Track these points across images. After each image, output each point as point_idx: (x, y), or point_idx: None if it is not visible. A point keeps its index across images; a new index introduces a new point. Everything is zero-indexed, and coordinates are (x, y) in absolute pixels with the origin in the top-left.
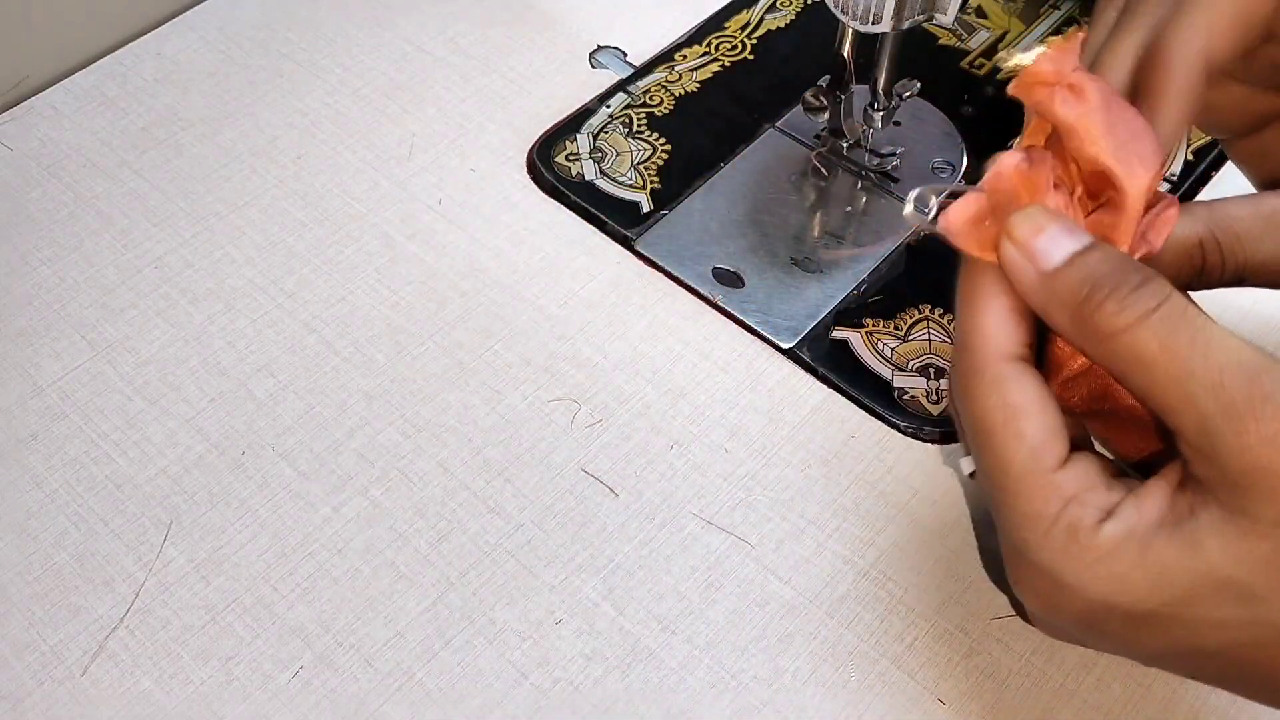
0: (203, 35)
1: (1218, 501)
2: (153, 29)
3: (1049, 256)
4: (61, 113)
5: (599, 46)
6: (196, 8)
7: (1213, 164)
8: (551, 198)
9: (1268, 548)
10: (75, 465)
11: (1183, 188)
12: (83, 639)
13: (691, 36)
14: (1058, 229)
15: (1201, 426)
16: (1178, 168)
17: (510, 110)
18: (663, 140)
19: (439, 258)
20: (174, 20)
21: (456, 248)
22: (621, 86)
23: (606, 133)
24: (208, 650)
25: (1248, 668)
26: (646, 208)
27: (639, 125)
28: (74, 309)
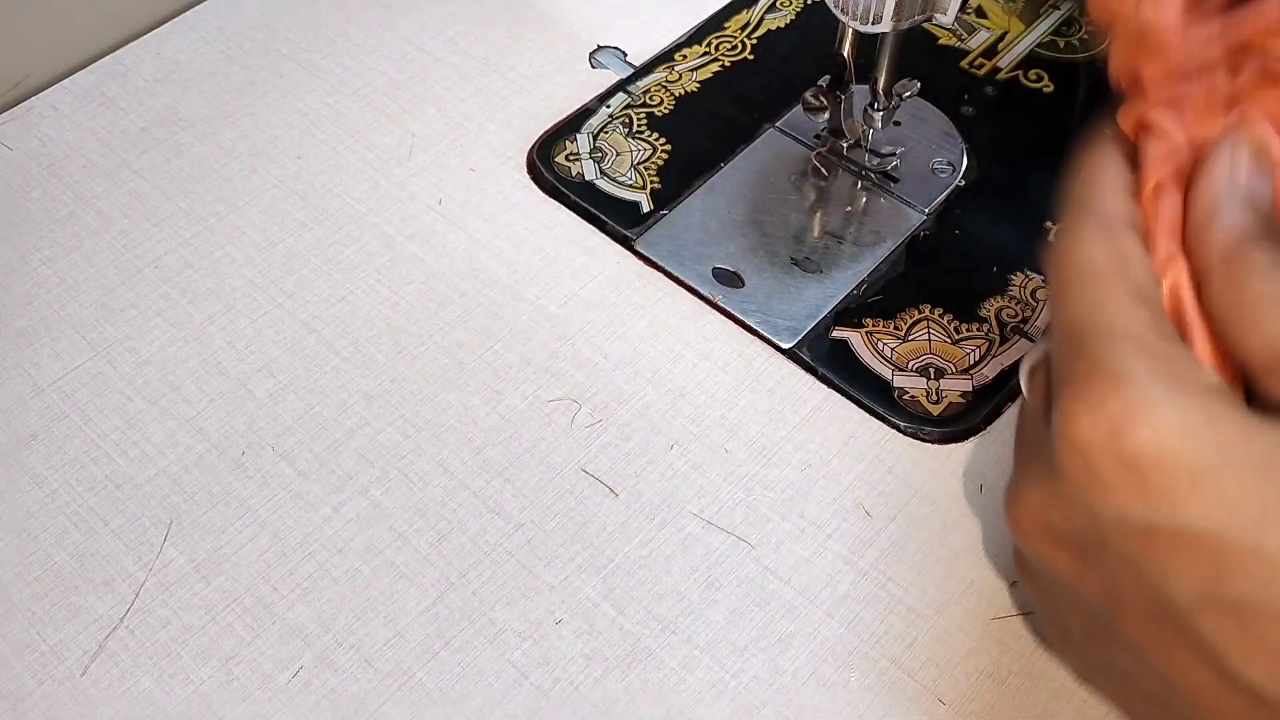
0: (203, 35)
1: None
2: (153, 29)
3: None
4: (61, 113)
5: (599, 46)
6: (196, 8)
7: None
8: (551, 198)
9: None
10: (75, 465)
11: None
12: (83, 639)
13: (691, 36)
14: None
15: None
16: None
17: (510, 110)
18: (663, 140)
19: (439, 258)
20: (174, 20)
21: (456, 248)
22: (621, 86)
23: (606, 133)
24: (208, 650)
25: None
26: (646, 208)
27: (639, 125)
28: (74, 309)
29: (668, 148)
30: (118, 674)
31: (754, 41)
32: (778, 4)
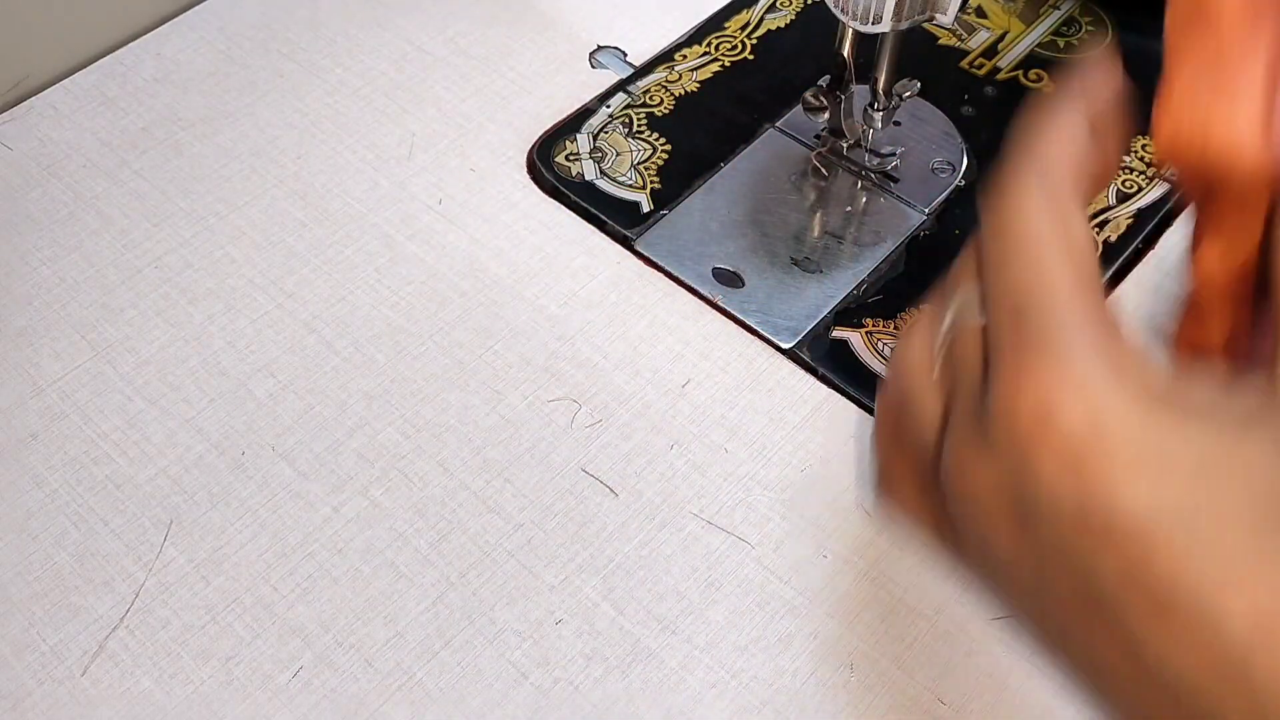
0: (203, 35)
1: None
2: (153, 29)
3: None
4: (61, 113)
5: (599, 46)
6: (196, 8)
7: None
8: (551, 198)
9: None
10: (75, 465)
11: None
12: (83, 639)
13: (691, 36)
14: None
15: None
16: None
17: (510, 110)
18: (663, 140)
19: (439, 258)
20: (174, 20)
21: (456, 248)
22: (621, 86)
23: (606, 133)
24: (208, 650)
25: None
26: (646, 208)
27: (639, 125)
28: (74, 309)
29: (668, 148)
30: (118, 674)
31: (754, 41)
32: (778, 4)
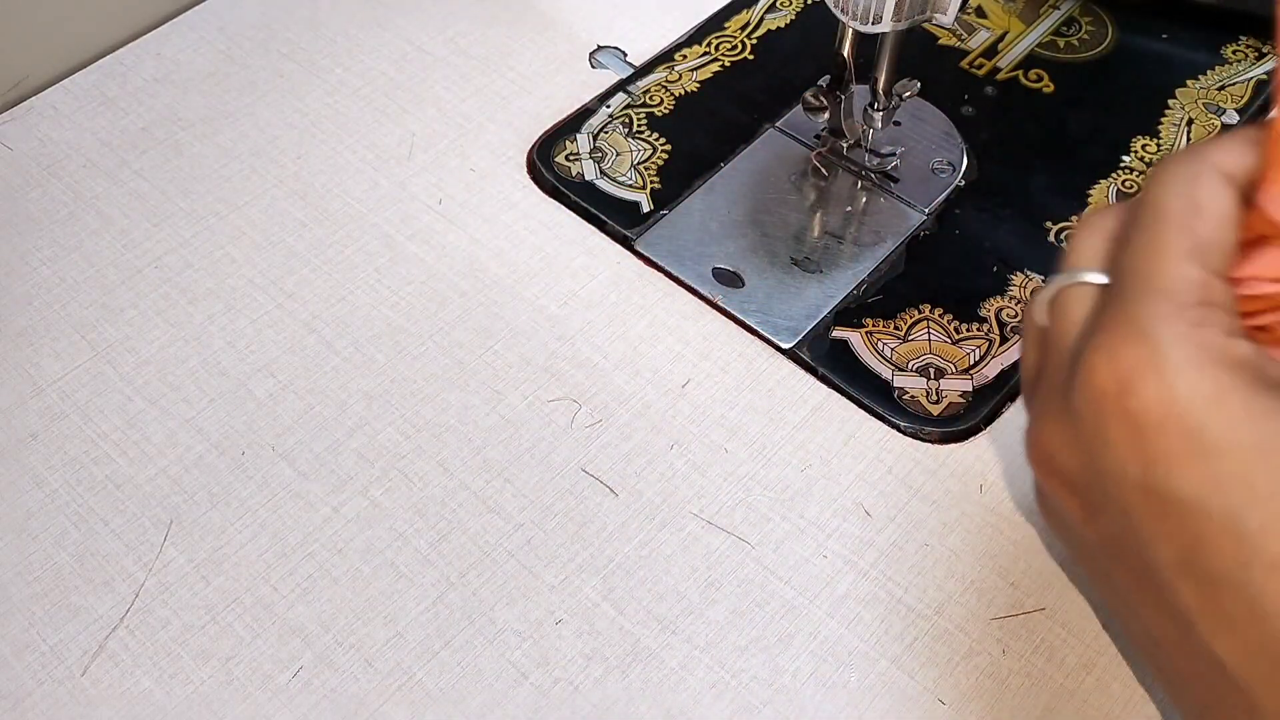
0: (203, 35)
1: None
2: (153, 29)
3: None
4: (61, 113)
5: (599, 46)
6: (196, 8)
7: None
8: (551, 198)
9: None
10: (75, 465)
11: None
12: (83, 639)
13: (691, 36)
14: None
15: None
16: None
17: (510, 110)
18: (663, 140)
19: (439, 258)
20: (174, 20)
21: (456, 248)
22: (621, 86)
23: (606, 133)
24: (208, 650)
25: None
26: (646, 208)
27: (639, 125)
28: (74, 309)
29: (668, 148)
30: (118, 674)
31: (754, 41)
32: (778, 4)
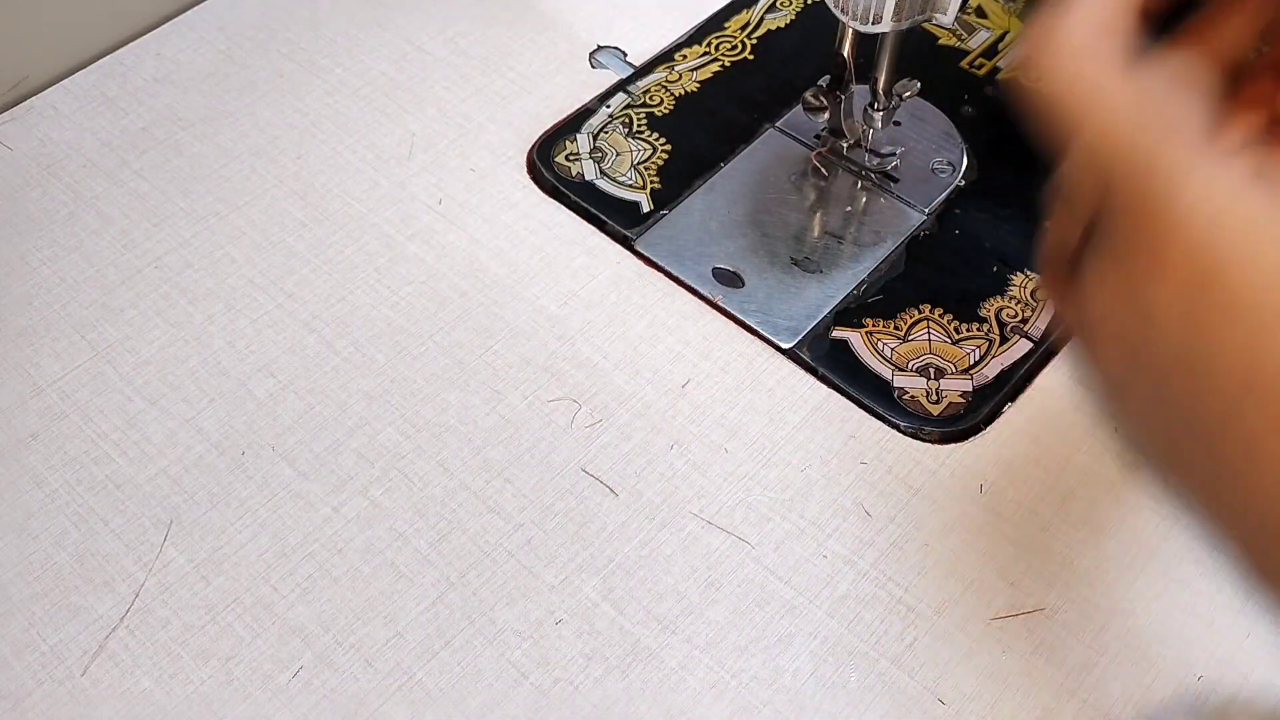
0: (203, 35)
1: None
2: (153, 29)
3: None
4: (61, 113)
5: (599, 46)
6: (196, 8)
7: None
8: (551, 198)
9: None
10: (75, 465)
11: None
12: (83, 639)
13: (691, 36)
14: None
15: None
16: None
17: (510, 110)
18: (663, 140)
19: (439, 258)
20: (174, 20)
21: (456, 248)
22: (621, 86)
23: (606, 133)
24: (208, 650)
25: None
26: (646, 208)
27: (639, 125)
28: (74, 309)
29: (668, 148)
30: (118, 674)
31: (754, 41)
32: (778, 4)
